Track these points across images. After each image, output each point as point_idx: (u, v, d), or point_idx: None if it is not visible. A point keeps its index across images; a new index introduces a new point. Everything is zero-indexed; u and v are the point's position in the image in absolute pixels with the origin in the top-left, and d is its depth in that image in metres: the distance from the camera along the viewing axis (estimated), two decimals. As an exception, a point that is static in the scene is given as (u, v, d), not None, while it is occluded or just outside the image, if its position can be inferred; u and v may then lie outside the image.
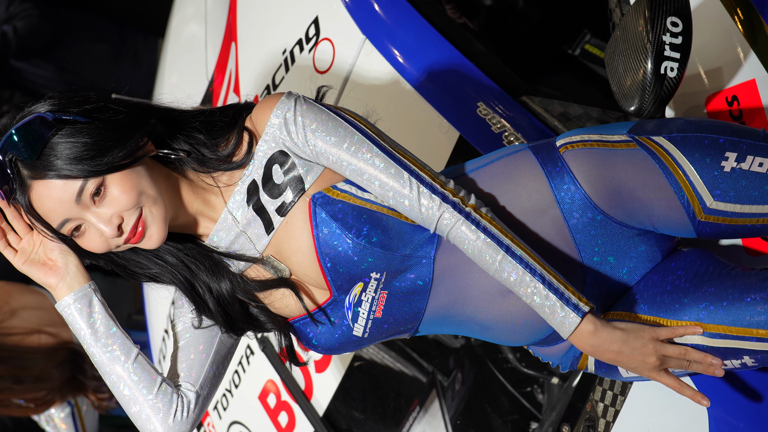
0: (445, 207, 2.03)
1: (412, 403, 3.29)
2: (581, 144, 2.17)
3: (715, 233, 2.12)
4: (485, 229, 2.02)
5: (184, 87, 4.60)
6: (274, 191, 2.11)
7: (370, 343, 2.21)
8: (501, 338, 2.22)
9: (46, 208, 1.99)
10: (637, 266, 2.17)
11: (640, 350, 2.02)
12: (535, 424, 3.01)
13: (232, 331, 2.17)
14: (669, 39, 2.19)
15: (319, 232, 2.09)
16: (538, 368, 3.20)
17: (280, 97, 2.09)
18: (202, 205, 2.13)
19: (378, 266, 2.11)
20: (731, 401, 2.19)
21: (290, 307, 2.17)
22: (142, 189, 2.01)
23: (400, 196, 2.05)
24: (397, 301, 2.14)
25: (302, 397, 3.43)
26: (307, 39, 3.33)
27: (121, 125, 2.02)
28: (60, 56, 6.59)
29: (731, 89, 2.45)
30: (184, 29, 4.87)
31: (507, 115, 2.80)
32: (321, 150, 2.06)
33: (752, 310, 1.98)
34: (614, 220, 2.13)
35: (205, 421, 3.99)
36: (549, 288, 2.00)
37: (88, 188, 1.97)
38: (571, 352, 2.25)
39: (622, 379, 2.20)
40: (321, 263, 2.11)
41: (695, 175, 2.08)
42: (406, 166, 2.06)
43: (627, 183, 2.12)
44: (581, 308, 1.99)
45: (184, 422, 2.12)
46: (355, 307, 2.14)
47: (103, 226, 2.00)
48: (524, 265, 2.01)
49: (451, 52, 2.98)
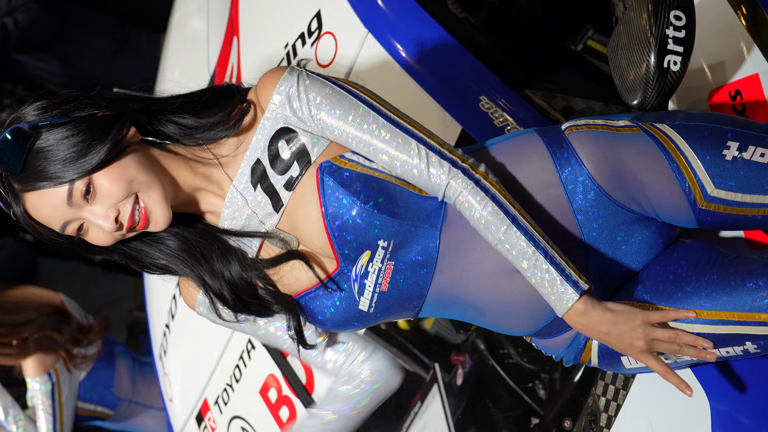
0: (454, 172, 2.04)
1: (413, 399, 3.29)
2: (586, 126, 2.18)
3: (716, 222, 2.13)
4: (494, 197, 2.02)
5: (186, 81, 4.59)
6: (282, 167, 2.11)
7: (376, 321, 2.19)
8: (502, 325, 2.22)
9: (43, 216, 2.01)
10: (639, 252, 2.18)
11: (629, 333, 2.02)
12: (537, 420, 3.01)
13: (243, 313, 2.17)
14: (672, 33, 2.19)
15: (326, 198, 2.09)
16: (540, 363, 3.19)
17: (282, 72, 2.09)
18: (203, 181, 2.13)
19: (385, 234, 2.10)
20: (733, 394, 2.19)
21: (300, 280, 2.16)
22: (132, 177, 2.01)
23: (409, 165, 2.06)
24: (403, 274, 2.14)
25: (303, 391, 3.43)
26: (310, 33, 3.33)
27: (100, 119, 2.03)
28: (62, 50, 6.60)
29: (734, 83, 2.45)
30: (186, 24, 4.87)
31: (509, 109, 2.79)
32: (326, 124, 2.07)
33: (754, 295, 1.99)
34: (617, 202, 2.14)
35: (206, 415, 3.99)
36: (551, 262, 2.00)
37: (77, 189, 1.98)
38: (574, 344, 2.25)
39: (625, 372, 2.20)
40: (328, 230, 2.10)
41: (697, 162, 2.09)
42: (414, 134, 2.07)
43: (630, 166, 2.13)
44: (580, 285, 2.00)
45: None
46: (361, 279, 2.13)
47: (101, 222, 2.01)
48: (528, 237, 2.01)
49: (454, 46, 2.97)
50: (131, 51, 6.71)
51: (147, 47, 6.65)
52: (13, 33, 6.36)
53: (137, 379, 5.38)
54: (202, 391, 4.03)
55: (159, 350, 4.54)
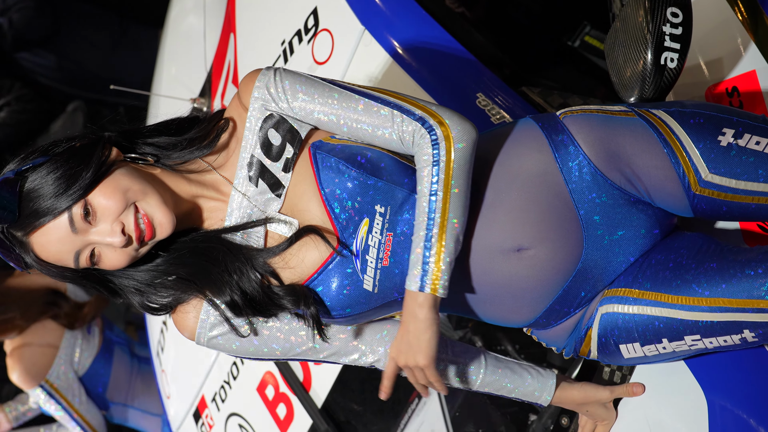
0: (421, 132, 2.07)
1: (411, 396, 3.28)
2: (581, 111, 2.20)
3: (711, 210, 2.14)
4: (437, 163, 2.05)
5: (182, 78, 4.60)
6: (276, 153, 2.15)
7: (382, 301, 2.17)
8: (503, 313, 2.23)
9: (53, 254, 2.04)
10: (636, 237, 2.19)
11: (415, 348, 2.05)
12: (534, 416, 3.01)
13: (263, 316, 2.17)
14: (669, 29, 2.19)
15: (320, 170, 2.13)
16: (537, 360, 3.19)
17: (259, 72, 2.16)
18: (201, 188, 2.17)
19: (381, 199, 2.12)
20: (729, 387, 2.19)
21: (306, 263, 2.15)
22: (125, 187, 2.05)
23: (387, 132, 2.11)
24: (403, 247, 2.13)
25: (301, 389, 3.43)
26: (306, 30, 3.32)
27: (80, 148, 2.07)
28: (59, 45, 6.59)
29: (731, 80, 2.45)
30: (183, 20, 4.86)
31: (506, 106, 2.79)
32: (307, 110, 2.13)
33: (753, 283, 1.99)
34: (613, 184, 2.15)
35: (204, 412, 3.99)
36: (425, 248, 2.02)
37: (77, 214, 2.02)
38: (574, 335, 2.26)
39: (624, 362, 2.20)
40: (324, 201, 2.13)
41: (692, 146, 2.09)
42: (387, 101, 2.11)
43: (625, 148, 2.14)
44: (427, 286, 2.01)
45: None
46: (363, 255, 2.13)
47: (109, 239, 2.04)
48: (430, 218, 2.03)
49: (451, 42, 2.97)
50: (128, 46, 6.71)
51: (145, 42, 6.64)
52: (8, 32, 6.36)
53: (135, 381, 5.39)
54: (199, 388, 4.02)
55: (156, 347, 4.54)
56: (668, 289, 2.09)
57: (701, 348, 2.09)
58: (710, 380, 2.21)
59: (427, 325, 2.03)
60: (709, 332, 2.06)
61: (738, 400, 2.17)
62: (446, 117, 2.08)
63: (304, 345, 2.22)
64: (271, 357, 2.24)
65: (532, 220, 2.14)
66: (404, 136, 2.09)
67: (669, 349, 2.12)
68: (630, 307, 2.13)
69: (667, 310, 2.08)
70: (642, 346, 2.14)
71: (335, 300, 2.15)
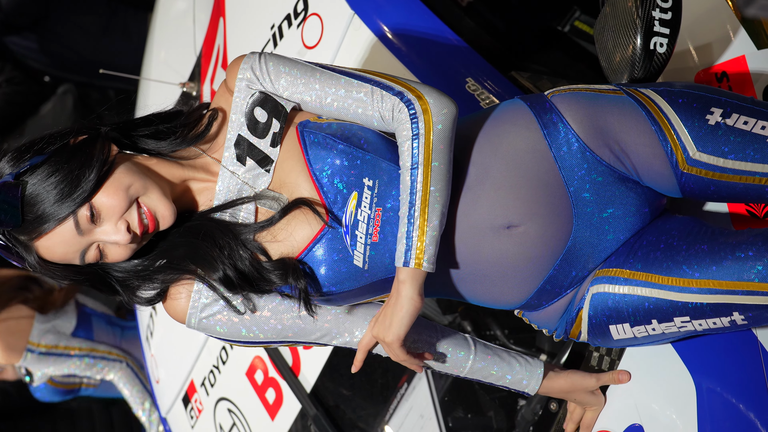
0: (400, 106, 2.09)
1: (400, 380, 3.29)
2: (569, 90, 2.21)
3: (699, 189, 2.14)
4: (417, 137, 2.06)
5: (172, 62, 4.58)
6: (262, 129, 2.17)
7: (372, 279, 2.17)
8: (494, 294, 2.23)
9: (59, 255, 2.05)
10: (625, 215, 2.19)
11: None
12: (523, 402, 3.01)
13: (256, 292, 2.17)
14: (658, 14, 2.19)
15: (308, 146, 2.15)
16: (527, 345, 3.20)
17: (244, 57, 2.18)
18: (191, 171, 2.19)
19: (369, 172, 2.13)
20: (717, 371, 2.19)
21: (295, 237, 2.15)
22: (127, 184, 2.06)
23: (369, 110, 2.13)
24: (392, 223, 2.14)
25: (290, 373, 3.43)
26: (296, 14, 3.31)
27: (78, 146, 2.07)
28: (48, 28, 6.57)
29: (721, 65, 2.45)
30: (172, 4, 4.85)
31: (496, 91, 2.79)
32: (290, 90, 2.16)
33: (743, 265, 2.00)
34: (602, 161, 2.16)
35: (193, 397, 3.99)
36: (409, 223, 2.03)
37: (82, 216, 2.03)
38: (566, 316, 2.27)
39: (613, 344, 2.21)
40: (312, 176, 2.14)
41: (680, 124, 2.10)
42: (368, 78, 2.14)
43: (613, 125, 2.15)
44: (410, 261, 2.02)
45: None
46: (352, 230, 2.13)
47: (114, 237, 2.06)
48: (412, 191, 2.04)
49: (440, 27, 2.96)
50: (118, 30, 6.68)
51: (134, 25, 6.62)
52: (-3, 17, 6.34)
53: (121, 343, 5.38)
54: (188, 372, 4.02)
55: (146, 332, 4.54)
56: (659, 270, 2.10)
57: (690, 330, 2.10)
58: (698, 364, 2.22)
59: (404, 302, 2.03)
60: (698, 314, 2.07)
61: (726, 383, 2.18)
62: (425, 92, 2.09)
63: (296, 327, 2.22)
64: (261, 340, 2.24)
65: (521, 197, 2.14)
66: (384, 112, 2.11)
67: (658, 330, 2.12)
68: (621, 287, 2.14)
69: (658, 291, 2.09)
70: (632, 326, 2.15)
71: (326, 276, 2.15)
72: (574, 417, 2.38)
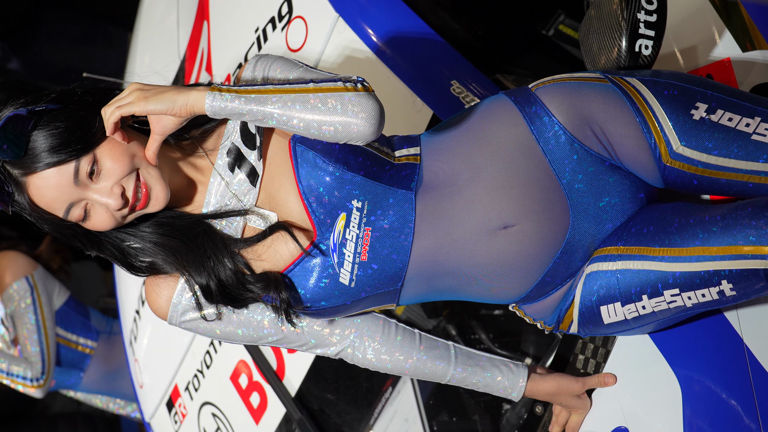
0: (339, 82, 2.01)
1: (385, 384, 3.29)
2: (552, 81, 2.21)
3: (682, 183, 2.15)
4: None
5: (155, 66, 4.57)
6: (252, 141, 2.14)
7: (358, 296, 2.16)
8: (493, 291, 2.23)
9: (48, 199, 2.01)
10: (622, 203, 2.20)
11: None
12: (508, 406, 3.01)
13: (234, 306, 2.16)
14: (644, 17, 2.19)
15: (299, 164, 2.12)
16: (511, 348, 3.20)
17: (257, 55, 2.16)
18: (192, 170, 2.16)
19: (358, 193, 2.12)
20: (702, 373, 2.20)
21: (280, 254, 2.14)
22: (133, 152, 2.04)
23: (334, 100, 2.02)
24: (382, 242, 2.13)
25: (274, 377, 3.42)
26: (280, 17, 3.31)
27: (94, 103, 2.06)
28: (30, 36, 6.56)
29: (706, 68, 2.45)
30: (155, 8, 4.84)
31: (480, 93, 2.79)
32: None
33: (731, 230, 1.98)
34: (591, 150, 2.16)
35: (177, 402, 3.98)
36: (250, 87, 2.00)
37: (83, 167, 2.00)
38: (561, 305, 2.27)
39: (604, 332, 2.21)
40: (302, 194, 2.12)
41: (664, 117, 2.11)
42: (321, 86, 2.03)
43: (597, 114, 2.15)
44: (216, 88, 1.98)
45: None
46: (340, 248, 2.13)
47: (106, 199, 2.02)
48: None
49: (425, 30, 2.97)
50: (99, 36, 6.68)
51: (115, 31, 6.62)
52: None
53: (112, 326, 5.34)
54: (172, 377, 4.01)
55: (129, 336, 4.52)
56: (651, 242, 2.10)
57: (680, 306, 2.09)
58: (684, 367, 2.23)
59: (180, 98, 1.97)
60: (687, 285, 2.05)
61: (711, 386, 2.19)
62: None
63: (277, 334, 2.21)
64: (242, 341, 2.24)
65: (515, 196, 2.14)
66: None
67: (648, 308, 2.11)
68: (613, 264, 2.15)
69: (649, 263, 2.09)
70: (623, 305, 2.14)
71: (311, 292, 2.15)
72: (560, 420, 2.37)
